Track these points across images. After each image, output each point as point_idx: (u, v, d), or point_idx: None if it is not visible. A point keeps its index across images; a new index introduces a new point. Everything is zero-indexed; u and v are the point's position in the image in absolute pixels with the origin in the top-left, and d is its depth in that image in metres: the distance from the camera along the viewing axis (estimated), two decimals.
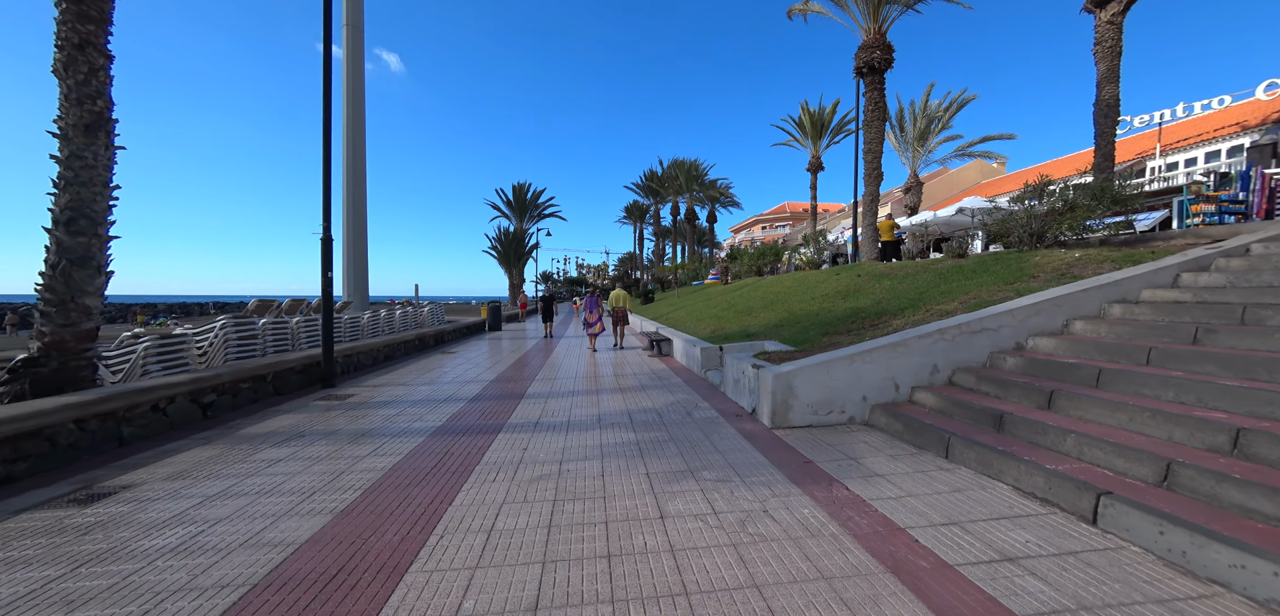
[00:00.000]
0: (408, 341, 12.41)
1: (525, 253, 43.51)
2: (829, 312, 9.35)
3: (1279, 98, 20.38)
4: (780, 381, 5.29)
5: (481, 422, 5.74)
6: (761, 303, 12.84)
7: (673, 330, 12.68)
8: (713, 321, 12.84)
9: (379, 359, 10.76)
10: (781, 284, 14.49)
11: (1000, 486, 3.58)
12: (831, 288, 11.32)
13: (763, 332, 9.59)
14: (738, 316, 12.29)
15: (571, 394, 7.35)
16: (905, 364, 5.50)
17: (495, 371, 9.52)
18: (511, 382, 8.32)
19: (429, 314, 15.95)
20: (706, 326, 12.49)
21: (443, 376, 8.99)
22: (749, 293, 15.38)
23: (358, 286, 15.78)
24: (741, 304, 13.76)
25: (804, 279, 13.99)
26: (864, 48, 14.01)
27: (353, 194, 15.68)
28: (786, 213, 76.05)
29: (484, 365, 10.38)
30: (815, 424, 5.36)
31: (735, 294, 16.65)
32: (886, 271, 11.17)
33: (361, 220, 16.08)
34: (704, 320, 13.54)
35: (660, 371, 9.27)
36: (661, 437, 5.06)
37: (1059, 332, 5.73)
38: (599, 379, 8.61)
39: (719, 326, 11.78)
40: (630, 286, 52.46)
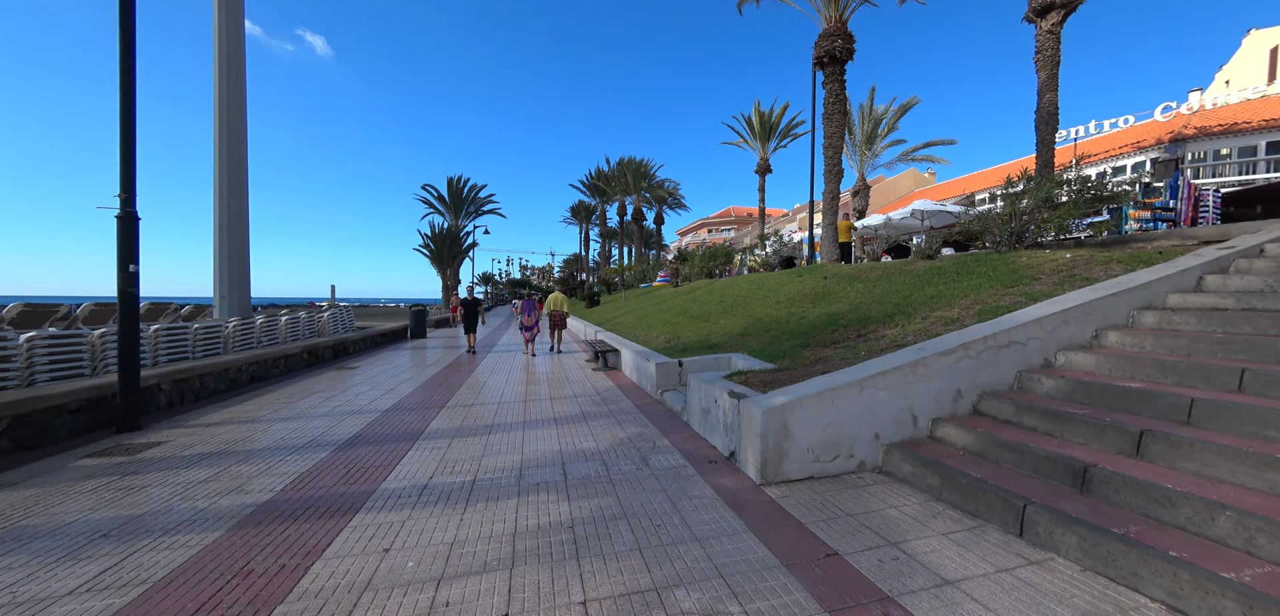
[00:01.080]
0: (290, 355, 9.91)
1: (461, 251, 40.22)
2: (801, 319, 8.17)
3: (1173, 118, 22.37)
4: (772, 419, 3.84)
5: (337, 490, 3.83)
6: (720, 307, 11.58)
7: (621, 338, 11.10)
8: (666, 329, 11.41)
9: (240, 381, 8.28)
10: (739, 286, 13.37)
11: (1142, 599, 2.30)
12: (797, 290, 10.25)
13: (727, 343, 8.24)
14: (694, 323, 10.94)
15: (488, 430, 5.54)
16: (925, 389, 4.25)
17: (395, 396, 7.45)
18: (411, 413, 6.35)
19: (330, 320, 13.30)
20: (659, 335, 11.03)
21: (320, 406, 6.82)
22: (703, 296, 14.14)
23: (234, 285, 12.81)
24: (697, 308, 12.46)
25: (763, 281, 12.93)
26: (825, 36, 13.24)
27: (229, 172, 12.71)
28: (732, 216, 77.21)
29: (384, 387, 8.24)
30: (818, 474, 3.96)
31: (688, 297, 15.37)
32: (854, 273, 10.26)
33: (241, 205, 13.11)
34: (656, 327, 12.09)
35: (606, 391, 7.64)
36: (608, 510, 3.43)
37: (1090, 346, 4.75)
38: (529, 404, 6.84)
39: (674, 335, 10.36)
40: (576, 289, 50.40)
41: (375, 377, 9.15)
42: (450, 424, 5.80)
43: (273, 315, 10.84)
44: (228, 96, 12.74)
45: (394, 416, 6.15)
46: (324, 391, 7.83)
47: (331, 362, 11.26)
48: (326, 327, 13.09)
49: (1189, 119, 21.72)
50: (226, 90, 12.72)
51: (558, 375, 9.30)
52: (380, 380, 8.86)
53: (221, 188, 12.77)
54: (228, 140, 12.78)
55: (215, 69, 12.67)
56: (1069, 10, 14.70)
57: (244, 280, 13.26)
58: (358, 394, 7.60)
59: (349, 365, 10.83)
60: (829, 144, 13.62)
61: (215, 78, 12.70)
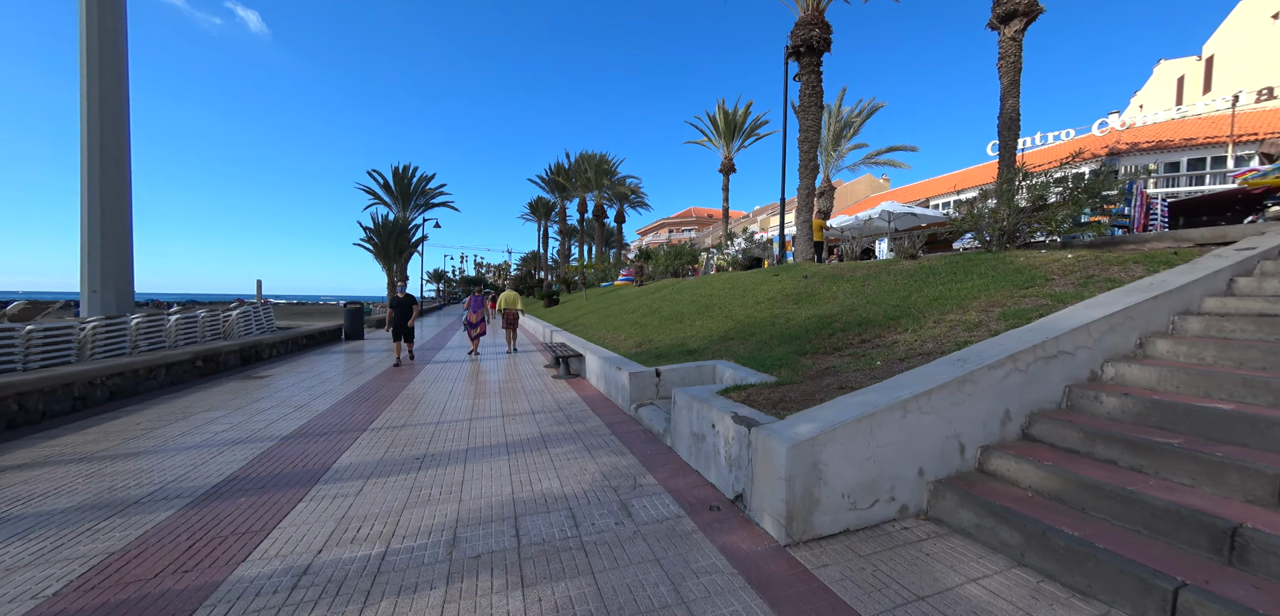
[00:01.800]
0: (177, 363, 8.07)
1: (409, 245, 37.46)
2: (788, 321, 7.36)
3: (1108, 134, 23.78)
4: (800, 458, 2.89)
5: (154, 590, 2.51)
6: (693, 308, 10.67)
7: (585, 342, 9.96)
8: (635, 331, 10.37)
9: (92, 399, 6.49)
10: (711, 286, 12.53)
11: None
12: (776, 290, 9.49)
13: (708, 348, 7.30)
14: (666, 325, 9.96)
15: (418, 464, 4.28)
16: (972, 411, 3.44)
17: (304, 416, 5.97)
18: (318, 441, 4.96)
19: (240, 319, 11.30)
20: (628, 337, 9.97)
21: (196, 432, 5.28)
22: (672, 296, 13.21)
23: (111, 277, 10.60)
24: (667, 309, 11.50)
25: (736, 280, 12.16)
26: (801, 25, 12.65)
27: (102, 137, 10.49)
28: (693, 217, 77.41)
29: (294, 403, 6.71)
30: (855, 526, 3.05)
31: (655, 297, 14.41)
32: (834, 272, 9.63)
33: (119, 177, 10.89)
34: (623, 329, 11.02)
35: (570, 405, 6.50)
36: (582, 600, 2.35)
37: (1137, 356, 4.13)
38: (475, 425, 5.59)
39: (645, 338, 9.33)
40: (534, 287, 48.52)
41: (286, 390, 7.54)
42: (368, 456, 4.48)
43: (156, 314, 8.89)
44: (100, 45, 10.53)
45: (293, 447, 4.74)
46: (211, 410, 6.21)
47: (237, 371, 9.42)
48: (235, 328, 11.10)
49: (1121, 136, 23.17)
50: (98, 36, 10.51)
51: (512, 383, 8.04)
52: (291, 394, 7.28)
53: (91, 155, 10.54)
54: (100, 98, 10.59)
55: (83, 13, 10.42)
56: (1030, 18, 14.87)
57: (124, 270, 11.07)
58: (256, 413, 6.05)
59: (258, 374, 9.06)
60: (804, 138, 13.07)
61: (82, 21, 10.45)
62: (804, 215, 13.26)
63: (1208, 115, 23.48)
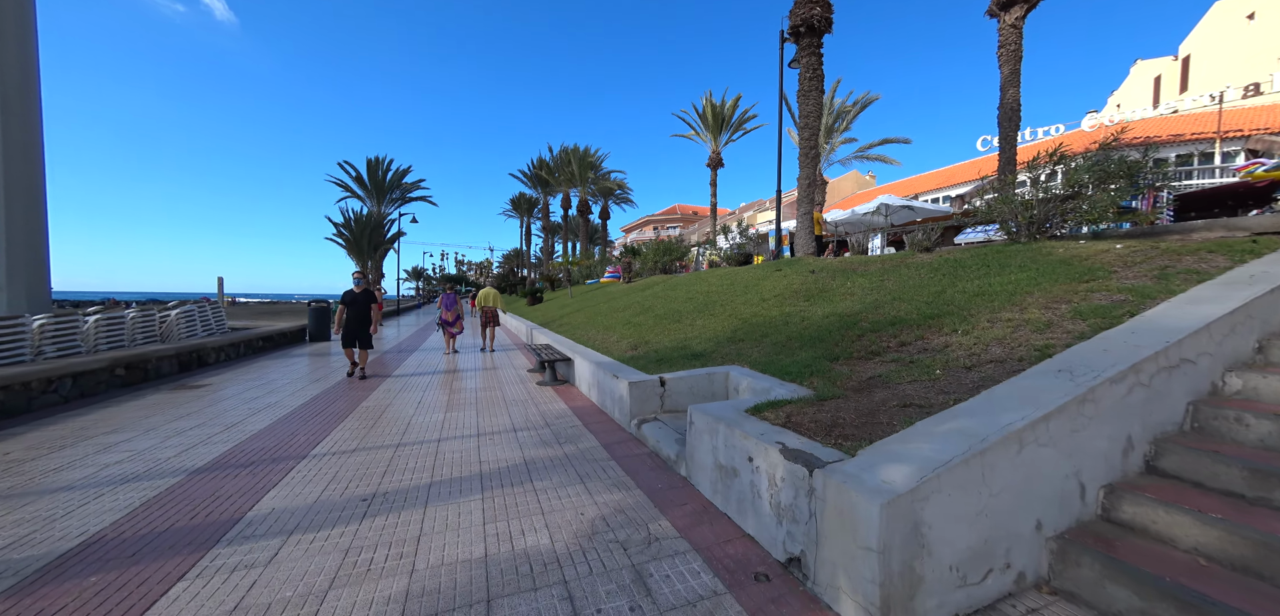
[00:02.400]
0: (88, 373, 6.83)
1: (384, 241, 35.79)
2: (804, 321, 6.54)
3: (1098, 130, 23.83)
4: (897, 520, 2.01)
5: None
6: (691, 306, 9.79)
7: (573, 344, 9.00)
8: (628, 331, 9.44)
9: None
10: (707, 282, 11.68)
11: None
12: (782, 286, 8.68)
13: (715, 351, 6.42)
14: (663, 324, 9.06)
15: (364, 506, 3.29)
16: (1093, 439, 2.63)
17: (231, 438, 4.89)
18: (236, 475, 3.91)
19: (181, 320, 9.99)
20: (621, 338, 9.04)
21: (79, 465, 4.17)
22: (665, 293, 12.33)
23: (20, 272, 9.20)
24: (661, 307, 10.60)
25: (734, 276, 11.33)
26: (802, 4, 11.88)
27: (4, 125, 9.05)
28: (678, 214, 76.77)
29: (226, 420, 5.60)
30: (966, 610, 2.19)
31: (646, 294, 13.51)
32: (844, 267, 8.87)
33: (30, 155, 9.48)
34: (615, 329, 10.08)
35: (559, 419, 5.55)
36: None
37: (1257, 363, 3.39)
38: (444, 447, 4.60)
39: (640, 339, 8.41)
40: (517, 285, 47.16)
41: (222, 403, 6.39)
42: (299, 498, 3.46)
43: (66, 315, 7.58)
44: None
45: (202, 485, 3.69)
46: (114, 433, 5.07)
47: (169, 379, 8.18)
48: (174, 330, 9.79)
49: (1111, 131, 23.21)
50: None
51: (491, 392, 7.04)
52: (226, 408, 6.14)
53: None
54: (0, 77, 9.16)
55: None
56: (1031, 5, 14.40)
57: (37, 265, 9.71)
58: (172, 434, 4.94)
59: (196, 383, 7.85)
60: (804, 125, 12.30)
61: None
62: (804, 207, 12.52)
63: (1192, 112, 23.68)
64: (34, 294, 9.45)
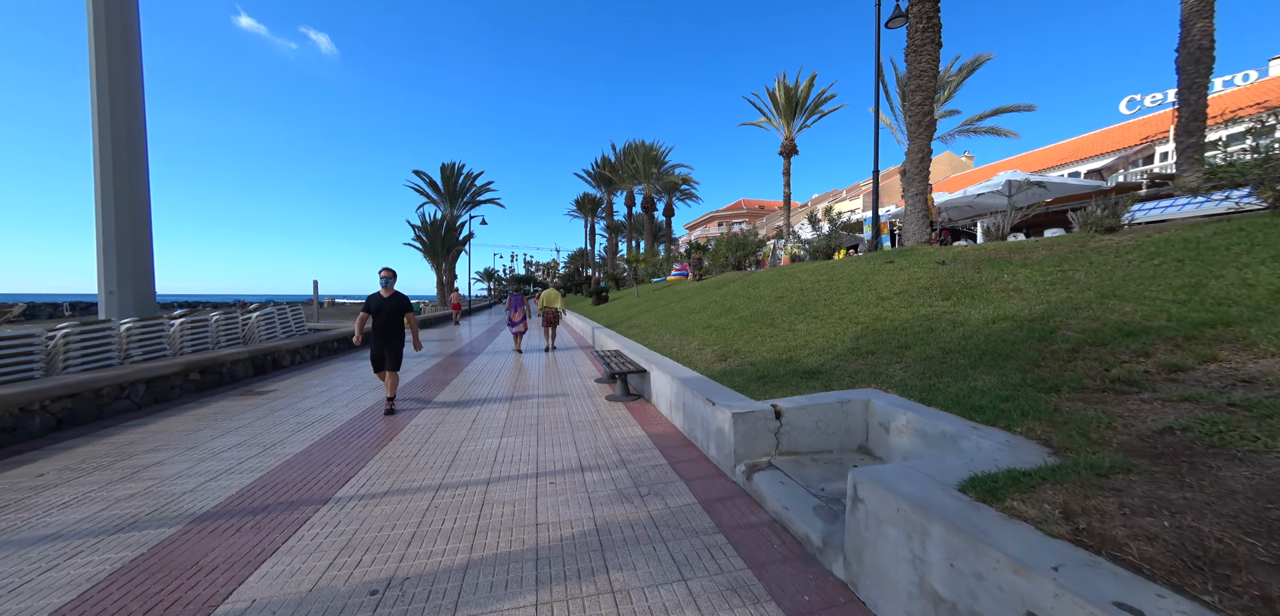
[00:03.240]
0: (162, 378, 6.70)
1: (457, 243, 37.09)
2: (959, 327, 4.83)
3: None
4: None
5: None
6: (783, 306, 8.23)
7: (646, 350, 7.82)
8: (711, 336, 8.09)
9: (30, 428, 5.09)
10: (796, 278, 10.01)
11: None
12: (902, 282, 6.90)
13: (835, 368, 4.91)
14: (751, 328, 7.60)
15: (371, 604, 2.28)
16: None
17: (259, 466, 4.21)
18: (241, 527, 3.10)
19: (262, 322, 10.12)
20: (703, 344, 7.71)
21: (78, 506, 3.61)
22: (747, 291, 10.80)
23: (129, 278, 9.65)
24: (746, 308, 9.12)
25: (831, 272, 9.57)
26: None
27: (113, 140, 9.51)
28: (743, 208, 73.82)
29: (266, 439, 5.03)
30: None
31: (722, 293, 12.04)
32: (985, 255, 6.91)
33: (136, 169, 9.95)
34: (693, 332, 8.77)
35: (636, 453, 4.35)
36: None
37: None
38: (491, 494, 3.56)
39: (728, 347, 7.02)
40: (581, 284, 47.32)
41: (273, 414, 5.92)
42: (295, 581, 2.54)
43: (149, 321, 7.63)
44: (108, 40, 9.54)
45: (184, 550, 2.89)
46: (137, 457, 4.60)
47: (242, 383, 8.07)
48: (254, 332, 9.91)
49: None
50: (106, 32, 9.53)
51: (554, 409, 6.04)
52: (275, 420, 5.63)
53: (103, 154, 9.60)
54: (111, 94, 9.62)
55: (88, 9, 9.45)
56: None
57: (143, 271, 10.14)
58: (206, 456, 4.37)
59: (263, 388, 7.63)
60: (916, 86, 10.20)
61: (89, 19, 9.48)
62: (916, 187, 10.42)
63: None
64: (140, 298, 9.93)
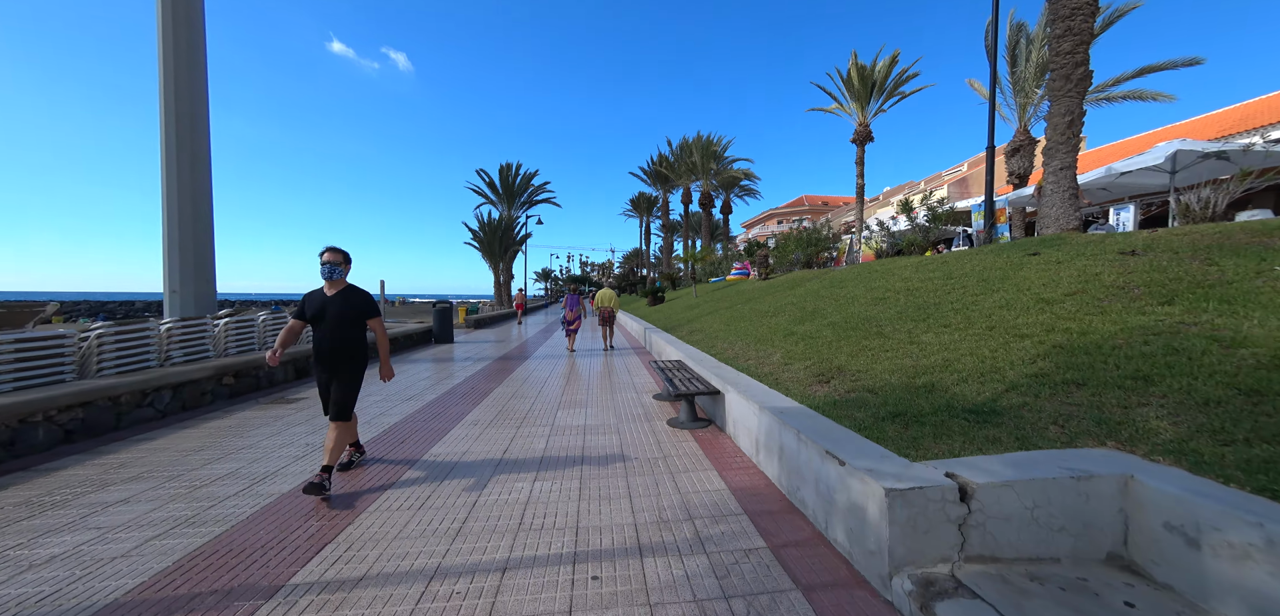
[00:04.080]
0: (192, 383, 6.26)
1: (514, 243, 37.42)
2: (1250, 346, 3.07)
3: None
4: None
5: None
6: (891, 310, 6.52)
7: (716, 363, 6.44)
8: (797, 345, 6.56)
9: (32, 441, 4.61)
10: (901, 277, 8.19)
11: None
12: (1071, 280, 5.02)
13: (1017, 405, 3.29)
14: (853, 338, 5.99)
15: None
16: None
17: (224, 520, 3.32)
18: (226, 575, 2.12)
19: None
20: (791, 359, 6.19)
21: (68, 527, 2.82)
22: (832, 292, 9.09)
23: (188, 276, 9.65)
24: (836, 312, 7.47)
25: (944, 269, 7.66)
26: None
27: (176, 121, 9.55)
28: (805, 205, 69.94)
29: (257, 472, 4.23)
30: None
31: (798, 293, 10.36)
32: (1201, 241, 4.87)
33: (200, 184, 9.96)
34: (772, 341, 7.26)
35: (718, 524, 3.02)
36: None
37: None
38: (509, 583, 2.38)
39: (826, 362, 5.46)
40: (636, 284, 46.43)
41: (285, 432, 5.21)
42: None
43: (192, 321, 7.31)
44: (175, 47, 9.55)
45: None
46: (121, 485, 3.90)
47: (279, 388, 7.62)
48: (303, 334, 9.60)
49: None
50: (174, 38, 9.54)
51: (605, 438, 4.84)
52: (290, 437, 4.89)
53: (171, 144, 9.64)
54: (175, 78, 9.62)
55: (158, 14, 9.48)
56: None
57: (206, 269, 10.13)
58: (176, 496, 3.58)
59: (292, 396, 7.09)
60: (1064, 30, 7.99)
61: (159, 25, 9.52)
62: (1061, 159, 8.21)
63: None
64: (201, 296, 9.94)
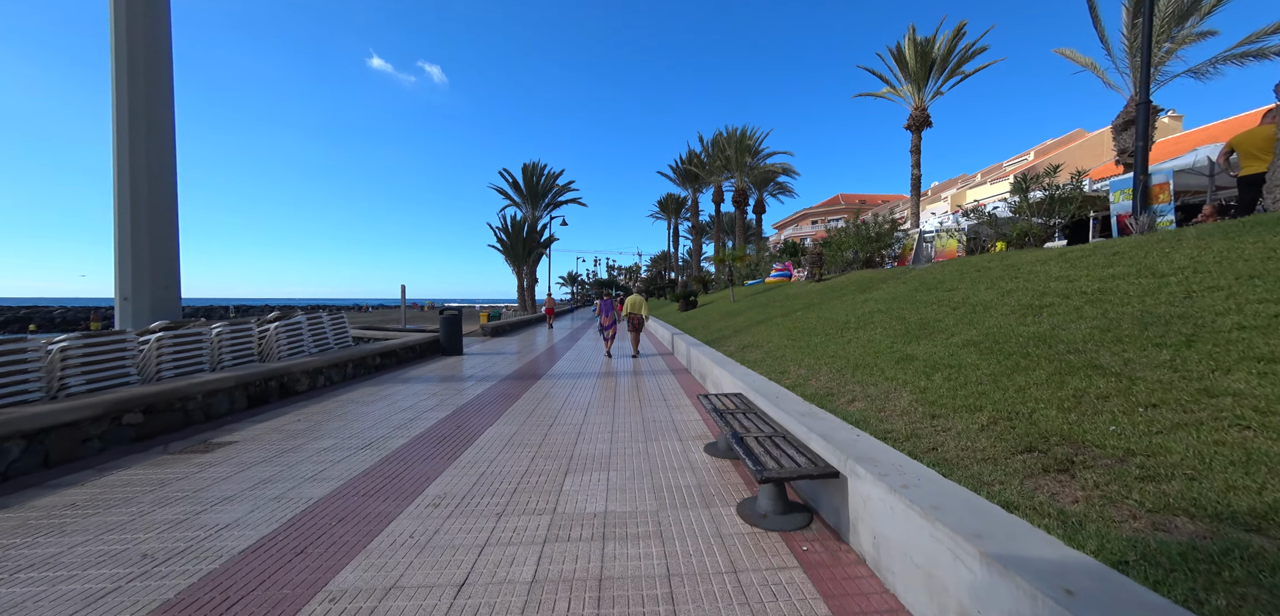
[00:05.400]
0: (63, 428, 4.58)
1: (538, 245, 35.96)
2: None
3: None
4: None
5: None
6: (1091, 327, 4.25)
7: (800, 402, 4.29)
8: (924, 375, 4.36)
9: None
10: (1050, 275, 5.86)
11: None
12: None
13: None
14: (1030, 372, 3.77)
15: None
16: None
17: None
18: None
19: (281, 335, 8.21)
20: (925, 397, 4.00)
21: None
22: (933, 298, 6.80)
23: (143, 282, 8.19)
24: (965, 327, 5.21)
25: (1133, 261, 5.29)
26: None
27: (129, 109, 8.09)
28: (841, 204, 66.49)
29: (96, 588, 2.31)
30: None
31: (877, 298, 8.08)
32: None
33: (162, 163, 8.51)
34: (875, 368, 5.06)
35: None
36: None
37: None
38: None
39: (1028, 425, 3.24)
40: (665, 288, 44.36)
41: (164, 508, 3.36)
42: None
43: (99, 341, 5.65)
44: (129, 28, 8.10)
45: None
46: None
47: (211, 425, 5.91)
48: (273, 347, 7.98)
49: None
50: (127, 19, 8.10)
51: (638, 557, 2.81)
52: (150, 525, 3.04)
53: (123, 132, 8.20)
54: (129, 72, 8.16)
55: None
56: None
57: (166, 271, 8.63)
58: None
59: (220, 438, 5.35)
60: None
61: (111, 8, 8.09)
62: None
63: None
64: (163, 302, 8.49)
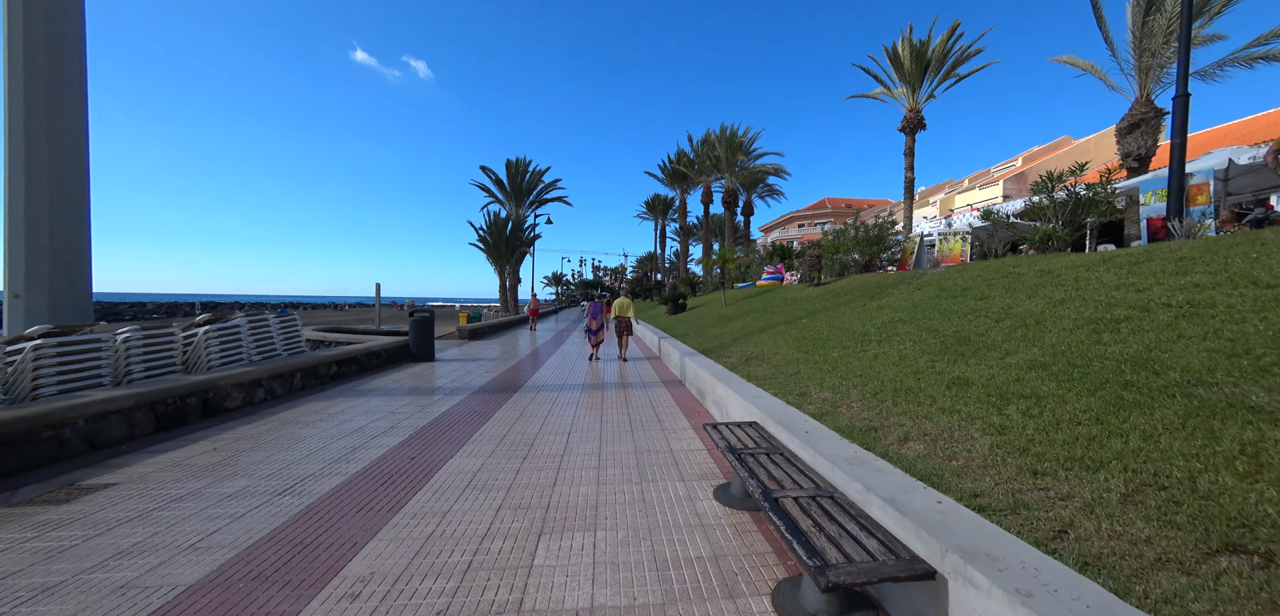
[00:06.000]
0: None
1: (522, 244, 34.67)
2: None
3: None
4: None
5: None
6: (1176, 339, 3.43)
7: (842, 444, 3.35)
8: (997, 408, 3.50)
9: None
10: (1104, 284, 5.09)
11: None
12: None
13: None
14: (1147, 411, 2.93)
15: None
16: None
17: None
18: None
19: (211, 342, 7.00)
20: (1046, 456, 3.11)
21: None
22: (951, 305, 5.99)
23: (46, 273, 6.87)
24: (1025, 345, 4.38)
25: (1206, 264, 4.52)
26: None
27: (25, 71, 6.79)
28: (828, 208, 66.60)
29: None
30: None
31: (893, 304, 7.26)
32: None
33: (65, 132, 7.21)
34: (922, 395, 4.19)
35: None
36: None
37: None
38: None
39: (1212, 508, 2.38)
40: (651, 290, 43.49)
41: None
42: None
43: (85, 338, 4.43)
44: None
45: None
46: None
47: (97, 458, 4.73)
48: (200, 355, 6.77)
49: None
50: None
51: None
52: None
53: (17, 84, 6.91)
54: (25, 43, 6.86)
55: None
56: None
57: (73, 263, 7.34)
58: None
59: (89, 481, 4.20)
60: None
61: None
62: None
63: None
64: (65, 302, 7.18)
